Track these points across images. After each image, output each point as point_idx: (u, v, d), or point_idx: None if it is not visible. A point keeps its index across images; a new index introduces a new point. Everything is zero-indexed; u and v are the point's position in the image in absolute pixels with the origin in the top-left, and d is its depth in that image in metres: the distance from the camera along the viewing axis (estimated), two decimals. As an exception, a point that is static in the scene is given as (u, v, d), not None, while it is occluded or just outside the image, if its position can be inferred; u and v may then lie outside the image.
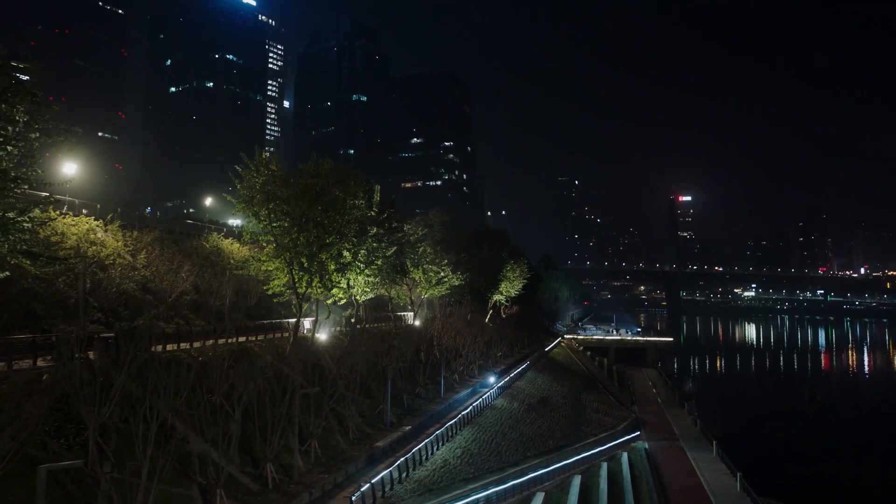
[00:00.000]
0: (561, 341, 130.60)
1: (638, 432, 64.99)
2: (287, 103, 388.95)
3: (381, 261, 50.27)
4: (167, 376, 24.47)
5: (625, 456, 54.79)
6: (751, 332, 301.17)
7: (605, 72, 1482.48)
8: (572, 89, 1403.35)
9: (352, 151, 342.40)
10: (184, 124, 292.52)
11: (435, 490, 33.15)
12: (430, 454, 38.06)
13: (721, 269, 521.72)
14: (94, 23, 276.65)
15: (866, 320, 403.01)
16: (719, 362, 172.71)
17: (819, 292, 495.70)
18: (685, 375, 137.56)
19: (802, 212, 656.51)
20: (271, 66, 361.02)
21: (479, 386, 58.96)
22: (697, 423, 70.47)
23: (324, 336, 49.47)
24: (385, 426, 41.14)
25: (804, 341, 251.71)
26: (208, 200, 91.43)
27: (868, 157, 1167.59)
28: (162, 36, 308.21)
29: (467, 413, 48.88)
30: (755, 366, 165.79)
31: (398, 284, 65.82)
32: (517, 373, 74.71)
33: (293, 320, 46.14)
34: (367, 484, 29.22)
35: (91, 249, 39.87)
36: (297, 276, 42.46)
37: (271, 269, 43.57)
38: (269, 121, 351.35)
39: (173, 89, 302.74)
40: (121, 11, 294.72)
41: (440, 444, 40.38)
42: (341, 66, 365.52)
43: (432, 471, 35.77)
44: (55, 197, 26.13)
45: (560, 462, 45.50)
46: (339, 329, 54.13)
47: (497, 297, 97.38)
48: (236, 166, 42.13)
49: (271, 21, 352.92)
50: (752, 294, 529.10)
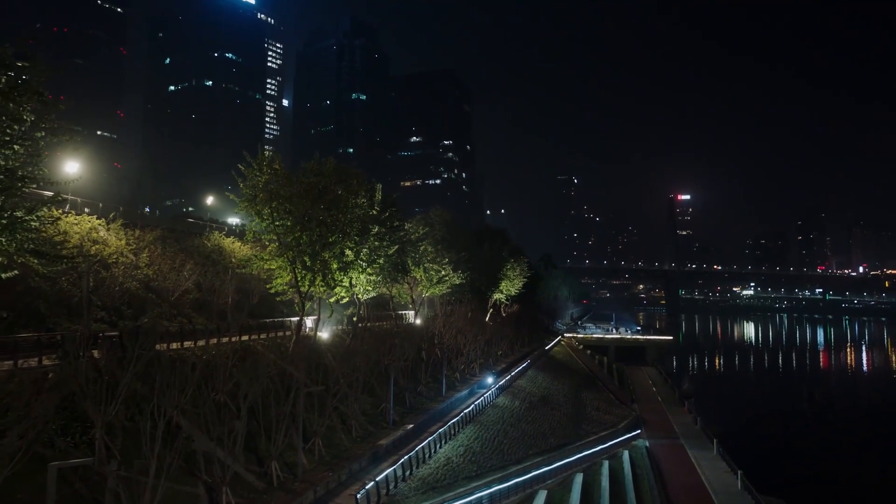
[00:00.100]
0: (561, 340, 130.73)
1: (639, 430, 65.15)
2: (286, 102, 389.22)
3: (382, 259, 50.32)
4: (172, 375, 24.57)
5: (626, 454, 54.91)
6: (749, 330, 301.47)
7: (605, 72, 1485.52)
8: (572, 89, 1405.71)
9: (351, 150, 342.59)
10: (183, 123, 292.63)
11: (438, 488, 33.26)
12: (433, 452, 38.17)
13: (720, 268, 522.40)
14: (94, 22, 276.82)
15: (865, 319, 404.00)
16: (718, 361, 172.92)
17: (818, 291, 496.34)
18: (684, 374, 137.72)
19: (801, 211, 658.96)
20: (270, 64, 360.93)
21: (478, 386, 58.66)
22: (698, 421, 70.60)
23: (326, 335, 49.56)
24: (388, 424, 41.20)
25: (803, 340, 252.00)
26: (209, 199, 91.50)
27: (867, 157, 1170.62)
28: (161, 35, 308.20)
29: (469, 411, 48.99)
30: (754, 364, 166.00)
31: (399, 283, 65.96)
32: (518, 371, 74.79)
33: (295, 319, 46.20)
34: (372, 482, 29.32)
35: (94, 248, 39.93)
36: (300, 275, 42.52)
37: (274, 267, 43.60)
38: (268, 119, 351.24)
39: (172, 88, 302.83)
40: (120, 10, 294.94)
41: (443, 443, 40.49)
42: (341, 65, 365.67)
43: (435, 469, 35.88)
44: (62, 196, 26.13)
45: (562, 460, 45.64)
46: (341, 328, 54.22)
47: (497, 296, 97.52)
48: (239, 165, 42.17)
49: (270, 20, 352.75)
50: (751, 293, 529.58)
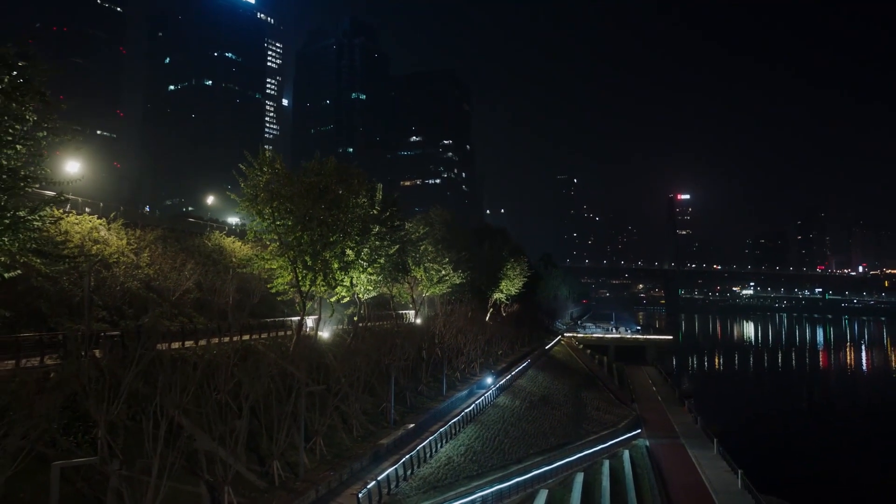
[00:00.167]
0: (561, 339, 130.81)
1: (639, 430, 65.20)
2: (286, 101, 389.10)
3: (383, 259, 50.36)
4: (174, 374, 24.60)
5: (626, 453, 54.95)
6: (749, 330, 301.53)
7: (605, 72, 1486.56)
8: (572, 89, 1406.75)
9: (351, 150, 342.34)
10: (182, 122, 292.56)
11: (440, 487, 33.30)
12: (434, 451, 38.22)
13: (720, 268, 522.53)
14: (93, 21, 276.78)
15: (864, 318, 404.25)
16: (718, 360, 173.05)
17: (817, 290, 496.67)
18: (684, 373, 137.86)
19: (801, 210, 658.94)
20: (270, 64, 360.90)
21: (477, 387, 58.31)
22: (698, 420, 70.66)
23: (326, 334, 49.60)
24: (388, 424, 41.23)
25: (802, 339, 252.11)
26: (210, 199, 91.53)
27: (867, 157, 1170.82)
28: (161, 34, 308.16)
29: (470, 411, 49.04)
30: (753, 364, 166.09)
31: (400, 283, 66.00)
32: (518, 371, 74.86)
33: (296, 318, 46.22)
34: (374, 481, 29.37)
35: (95, 248, 39.94)
36: (301, 275, 42.55)
37: (275, 267, 43.61)
38: (267, 119, 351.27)
39: (172, 87, 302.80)
40: (119, 10, 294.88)
41: (444, 442, 40.54)
42: (340, 65, 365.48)
43: (437, 468, 35.92)
44: (65, 196, 26.16)
45: (563, 459, 45.67)
46: (342, 327, 54.26)
47: (497, 296, 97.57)
48: (240, 164, 42.19)
49: (270, 19, 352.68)
50: (751, 292, 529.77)
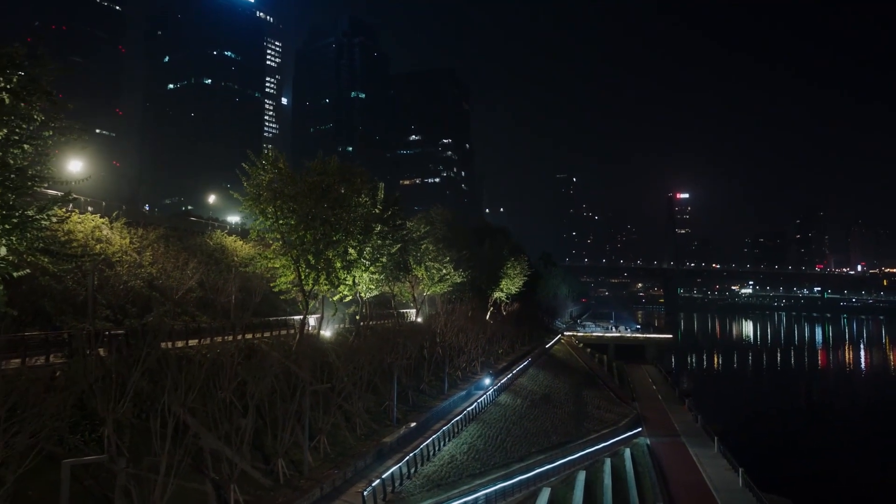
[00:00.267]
0: (561, 338, 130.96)
1: (639, 428, 65.40)
2: (285, 100, 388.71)
3: (385, 258, 50.51)
4: (179, 373, 24.70)
5: (627, 452, 55.11)
6: (748, 329, 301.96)
7: (605, 72, 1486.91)
8: (572, 89, 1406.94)
9: (350, 149, 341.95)
10: (182, 121, 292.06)
11: (443, 485, 33.45)
12: (437, 450, 38.36)
13: (718, 267, 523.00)
14: (93, 20, 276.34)
15: (863, 317, 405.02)
16: (717, 359, 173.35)
17: (816, 289, 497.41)
18: (683, 372, 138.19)
19: (800, 209, 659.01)
20: (269, 63, 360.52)
21: (475, 388, 57.63)
22: (698, 419, 70.87)
23: (328, 333, 49.70)
24: (391, 422, 41.37)
25: (801, 338, 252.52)
26: (211, 198, 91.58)
27: (867, 156, 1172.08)
28: (160, 33, 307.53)
29: (472, 409, 49.19)
30: (752, 363, 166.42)
31: (401, 281, 66.13)
32: (519, 369, 75.00)
33: (298, 317, 46.31)
34: (378, 479, 29.51)
35: (98, 247, 40.04)
36: (304, 274, 42.66)
37: (278, 266, 43.72)
38: (267, 118, 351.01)
39: (171, 86, 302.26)
40: (119, 8, 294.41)
41: (447, 440, 40.69)
42: (340, 64, 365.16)
43: (440, 466, 36.06)
44: (73, 195, 26.25)
45: (565, 458, 45.86)
46: (343, 326, 54.36)
47: (498, 295, 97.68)
48: (243, 164, 42.28)
49: (269, 18, 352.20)
50: (750, 291, 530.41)
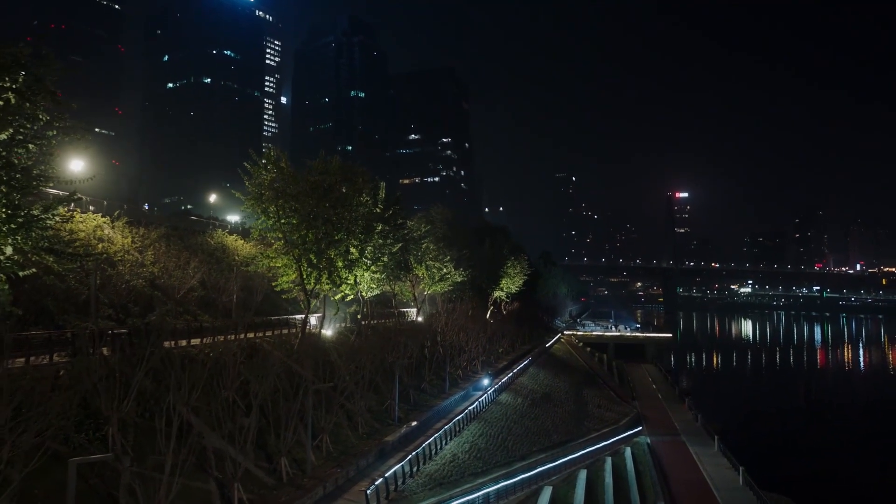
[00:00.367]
0: (561, 337, 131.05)
1: (640, 427, 65.53)
2: (284, 99, 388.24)
3: (387, 257, 50.59)
4: (183, 373, 24.77)
5: (628, 450, 55.25)
6: (747, 328, 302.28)
7: (605, 72, 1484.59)
8: (572, 89, 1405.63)
9: (350, 148, 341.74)
10: (181, 120, 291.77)
11: (446, 484, 33.54)
12: (439, 449, 38.46)
13: (718, 266, 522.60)
14: (92, 19, 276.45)
15: (862, 316, 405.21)
16: (716, 358, 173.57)
17: (815, 288, 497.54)
18: (683, 371, 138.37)
19: (799, 209, 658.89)
20: (269, 62, 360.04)
21: (473, 389, 57.09)
22: (698, 418, 71.02)
23: (330, 332, 49.77)
24: (393, 421, 41.44)
25: (800, 337, 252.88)
26: (212, 197, 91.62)
27: (866, 156, 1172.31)
28: (159, 32, 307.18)
29: (473, 408, 49.28)
30: (752, 362, 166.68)
31: (402, 281, 66.22)
32: (520, 368, 75.11)
33: (300, 316, 46.38)
34: (381, 478, 29.61)
35: (100, 246, 40.08)
36: (306, 273, 42.73)
37: (279, 265, 43.77)
38: (266, 117, 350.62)
39: (170, 85, 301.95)
40: (118, 8, 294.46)
41: (448, 439, 40.79)
42: (339, 63, 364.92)
43: (442, 465, 36.16)
44: (78, 195, 26.31)
45: (566, 456, 45.96)
46: (344, 325, 54.43)
47: (498, 294, 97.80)
48: (245, 163, 42.33)
49: (269, 17, 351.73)
50: (749, 290, 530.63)
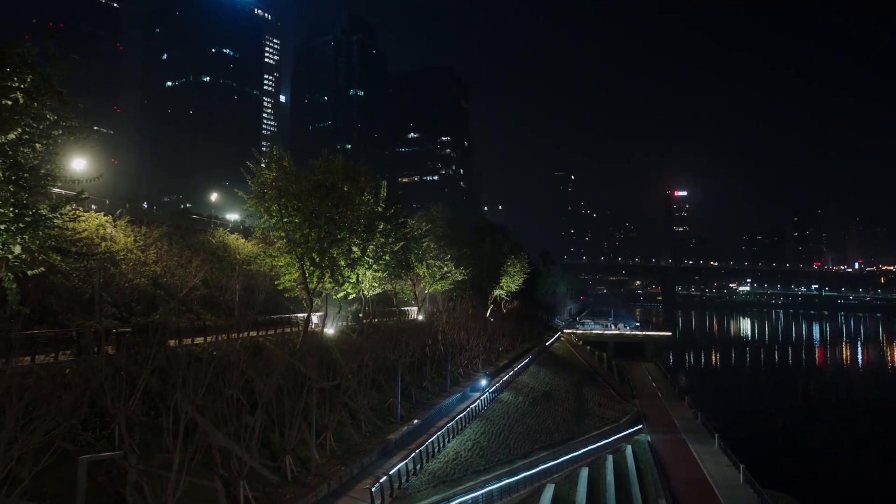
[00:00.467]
0: (561, 336, 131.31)
1: (640, 425, 65.71)
2: (283, 98, 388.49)
3: (388, 256, 50.72)
4: (188, 371, 24.87)
5: (629, 448, 55.42)
6: (746, 326, 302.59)
7: (605, 72, 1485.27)
8: (572, 89, 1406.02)
9: (349, 146, 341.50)
10: (180, 119, 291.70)
11: (449, 481, 33.69)
12: (442, 447, 38.62)
13: (716, 264, 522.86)
14: (91, 18, 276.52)
15: (860, 315, 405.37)
16: (715, 357, 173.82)
17: (814, 287, 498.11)
18: (682, 369, 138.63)
19: (798, 208, 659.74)
20: (268, 60, 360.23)
21: (470, 390, 56.29)
22: (698, 416, 71.27)
23: (332, 331, 49.89)
24: (395, 420, 41.58)
25: (799, 336, 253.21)
26: (213, 196, 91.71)
27: (865, 156, 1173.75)
28: (158, 30, 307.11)
29: (475, 407, 49.44)
30: (751, 360, 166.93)
31: (403, 279, 66.36)
32: (520, 367, 75.29)
33: (302, 315, 46.49)
34: (385, 476, 29.76)
35: (102, 245, 40.15)
36: (309, 272, 42.84)
37: (282, 264, 43.88)
38: (265, 115, 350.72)
39: (169, 84, 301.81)
40: (117, 6, 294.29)
41: (451, 437, 40.95)
42: (338, 61, 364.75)
43: (445, 463, 36.31)
44: (85, 195, 26.39)
45: (568, 454, 46.12)
46: (346, 324, 54.54)
47: (498, 292, 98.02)
48: (248, 162, 42.43)
49: (268, 15, 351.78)
50: (747, 289, 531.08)
